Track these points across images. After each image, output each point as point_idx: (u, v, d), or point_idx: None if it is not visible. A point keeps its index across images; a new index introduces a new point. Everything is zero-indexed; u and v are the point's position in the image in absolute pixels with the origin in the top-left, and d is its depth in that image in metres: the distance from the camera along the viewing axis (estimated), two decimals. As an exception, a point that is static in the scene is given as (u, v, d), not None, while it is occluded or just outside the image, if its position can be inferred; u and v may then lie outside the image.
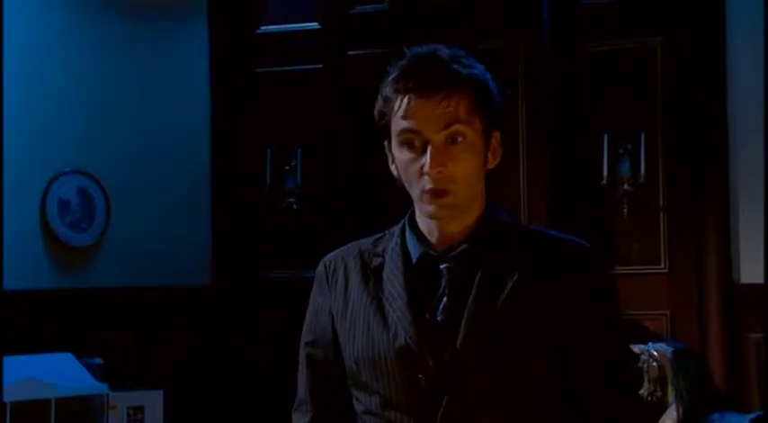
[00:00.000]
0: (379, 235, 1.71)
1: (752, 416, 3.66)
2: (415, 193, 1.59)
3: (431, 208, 1.58)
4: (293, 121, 4.74)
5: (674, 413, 3.77)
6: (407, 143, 1.58)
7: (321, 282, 1.70)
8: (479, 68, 1.61)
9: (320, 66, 4.71)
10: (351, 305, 1.65)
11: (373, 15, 4.64)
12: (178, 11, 4.82)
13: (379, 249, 1.64)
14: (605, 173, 4.25)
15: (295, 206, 4.69)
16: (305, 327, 1.73)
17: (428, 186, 1.56)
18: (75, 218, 4.39)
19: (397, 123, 1.58)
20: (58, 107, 4.36)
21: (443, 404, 1.55)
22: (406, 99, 1.56)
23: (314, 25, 4.74)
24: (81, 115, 4.43)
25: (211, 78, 4.85)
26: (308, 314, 1.73)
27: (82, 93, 4.45)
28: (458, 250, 1.61)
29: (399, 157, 1.60)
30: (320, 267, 1.72)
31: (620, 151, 4.26)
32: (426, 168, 1.55)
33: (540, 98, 4.39)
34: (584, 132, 4.34)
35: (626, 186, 4.24)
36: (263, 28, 4.83)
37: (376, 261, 1.63)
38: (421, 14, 4.54)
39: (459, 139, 1.57)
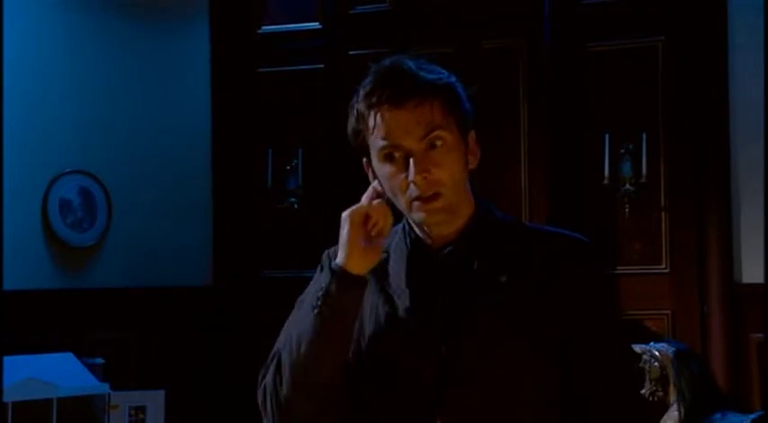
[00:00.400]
0: None
1: (753, 416, 3.65)
2: (402, 204, 1.60)
3: (422, 215, 1.59)
4: (294, 121, 4.74)
5: (676, 413, 3.77)
6: (389, 157, 1.58)
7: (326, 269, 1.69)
8: (445, 73, 1.62)
9: (321, 66, 4.72)
10: None
11: (374, 15, 4.64)
12: (179, 11, 4.82)
13: (384, 245, 1.64)
14: (607, 173, 4.24)
15: (296, 206, 4.70)
16: (305, 292, 1.71)
17: (415, 194, 1.57)
18: (77, 218, 4.39)
19: (376, 140, 1.59)
20: (59, 107, 4.36)
21: (445, 397, 1.56)
22: (380, 114, 1.57)
23: (315, 25, 4.75)
24: (82, 115, 4.43)
25: (212, 78, 4.85)
26: (310, 286, 1.71)
27: (83, 93, 4.45)
28: (447, 250, 1.61)
29: (381, 171, 1.60)
30: (325, 257, 1.71)
31: (622, 151, 4.26)
32: (411, 176, 1.56)
33: (542, 98, 4.39)
34: (585, 132, 4.34)
35: (627, 186, 4.24)
36: (264, 28, 4.83)
37: (381, 256, 1.63)
38: (422, 14, 4.54)
39: (439, 143, 1.57)
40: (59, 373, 3.65)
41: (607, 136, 4.26)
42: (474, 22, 4.47)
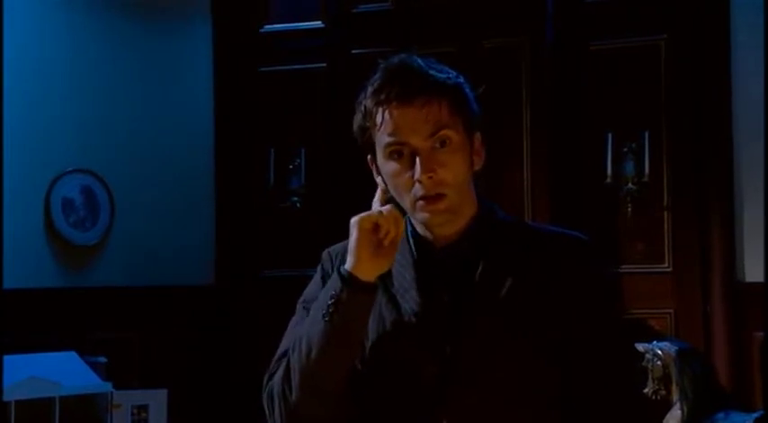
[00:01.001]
0: None
1: (756, 414, 3.65)
2: (406, 203, 1.59)
3: (425, 215, 1.58)
4: (297, 120, 4.74)
5: (679, 412, 3.77)
6: (395, 154, 1.58)
7: (327, 270, 1.70)
8: (453, 73, 1.62)
9: (324, 65, 4.71)
10: None
11: (377, 14, 4.64)
12: (181, 10, 4.82)
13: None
14: (609, 172, 4.24)
15: (298, 205, 4.70)
16: (306, 291, 1.71)
17: (420, 193, 1.57)
18: (79, 217, 4.39)
19: (382, 136, 1.58)
20: (62, 106, 4.37)
21: (446, 397, 1.56)
22: (387, 110, 1.57)
23: (317, 24, 4.75)
24: (85, 114, 4.44)
25: (215, 77, 4.86)
26: (311, 286, 1.71)
27: (85, 92, 4.45)
28: (453, 250, 1.61)
29: (386, 169, 1.60)
30: (325, 256, 1.72)
31: (624, 150, 4.26)
32: (417, 175, 1.55)
33: (544, 97, 4.39)
34: (587, 131, 4.34)
35: (630, 185, 4.24)
36: (267, 27, 4.83)
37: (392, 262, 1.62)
38: (424, 14, 4.54)
39: (447, 143, 1.57)
40: (62, 371, 3.65)
41: (609, 135, 4.26)
42: (476, 22, 4.47)
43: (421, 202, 1.57)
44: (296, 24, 4.78)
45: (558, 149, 4.36)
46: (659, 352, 3.80)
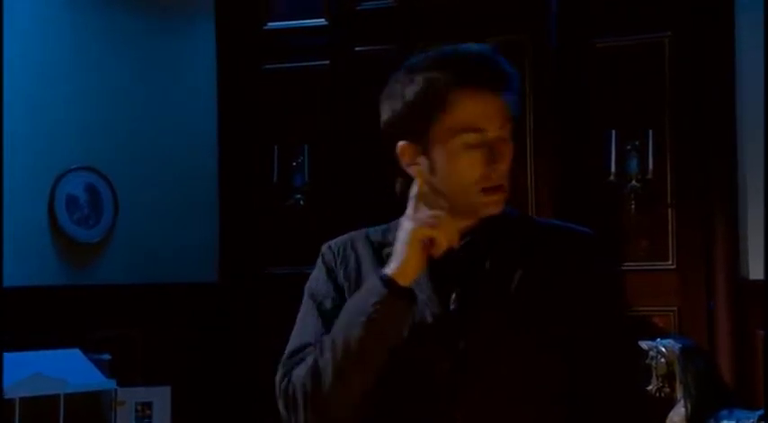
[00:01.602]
0: (384, 226, 1.70)
1: (761, 412, 3.65)
2: (462, 190, 1.55)
3: (487, 204, 1.56)
4: (300, 117, 4.74)
5: (683, 410, 3.77)
6: (466, 141, 1.54)
7: (329, 264, 1.67)
8: None
9: (327, 62, 4.71)
10: None
11: (380, 12, 4.64)
12: (184, 7, 4.83)
13: (390, 238, 1.62)
14: (613, 169, 4.24)
15: (302, 203, 4.70)
16: (311, 285, 1.68)
17: (487, 183, 1.55)
18: (83, 214, 4.40)
19: (455, 120, 1.54)
20: (65, 104, 4.37)
21: (458, 392, 1.56)
22: (472, 95, 1.53)
23: (321, 21, 4.74)
24: (88, 112, 4.44)
25: (218, 75, 4.86)
26: (317, 282, 1.69)
27: (88, 90, 4.46)
28: (464, 242, 1.61)
29: (447, 153, 1.55)
30: (325, 250, 1.69)
31: (628, 148, 4.25)
32: (489, 165, 1.53)
33: (548, 94, 4.38)
34: (591, 129, 4.34)
35: (634, 183, 4.24)
36: (270, 24, 4.83)
37: (388, 249, 1.61)
38: (427, 10, 4.54)
39: (508, 136, 1.57)
40: (67, 369, 3.66)
41: (613, 133, 4.25)
42: (479, 19, 4.46)
43: (485, 192, 1.56)
44: (299, 22, 4.78)
45: (561, 147, 4.36)
46: (663, 349, 3.80)
